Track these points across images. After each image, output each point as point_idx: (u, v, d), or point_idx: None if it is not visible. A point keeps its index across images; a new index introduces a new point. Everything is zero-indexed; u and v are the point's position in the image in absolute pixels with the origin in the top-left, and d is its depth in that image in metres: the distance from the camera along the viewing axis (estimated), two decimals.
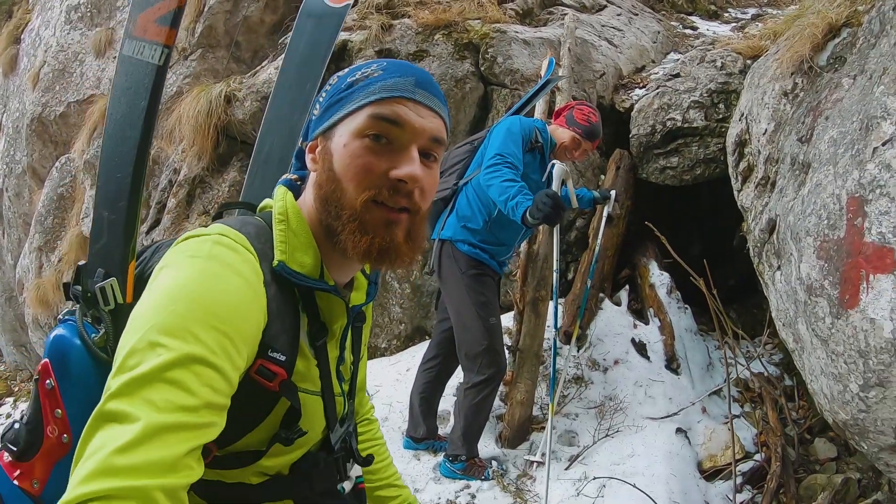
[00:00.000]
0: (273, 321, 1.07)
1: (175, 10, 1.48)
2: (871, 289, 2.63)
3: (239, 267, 1.03)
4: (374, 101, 1.11)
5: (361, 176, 1.11)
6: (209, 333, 0.93)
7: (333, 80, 1.19)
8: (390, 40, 5.53)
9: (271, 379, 1.09)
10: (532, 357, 4.18)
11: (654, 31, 6.67)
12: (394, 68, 1.15)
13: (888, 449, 2.84)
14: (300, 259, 1.13)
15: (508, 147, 3.39)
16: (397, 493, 1.62)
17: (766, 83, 3.90)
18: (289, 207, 1.17)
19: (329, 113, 1.16)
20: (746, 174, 4.09)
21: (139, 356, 0.89)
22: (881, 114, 2.70)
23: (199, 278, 0.98)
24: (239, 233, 1.09)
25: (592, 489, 3.62)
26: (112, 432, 0.84)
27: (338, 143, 1.13)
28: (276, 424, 1.15)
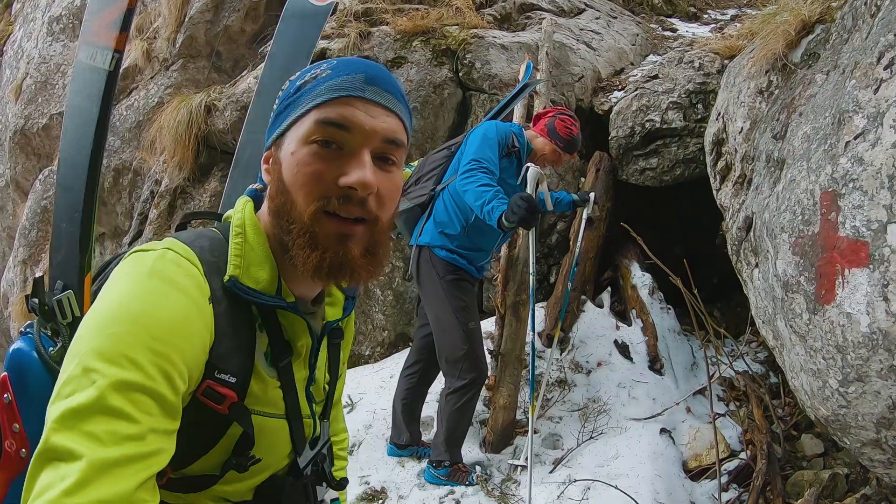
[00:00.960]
0: (221, 339, 1.02)
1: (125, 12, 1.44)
2: (846, 283, 2.62)
3: (181, 282, 0.98)
4: (321, 103, 1.04)
5: (310, 185, 1.04)
6: (147, 356, 0.89)
7: (286, 84, 1.13)
8: (368, 47, 5.53)
9: (220, 402, 1.03)
10: (514, 361, 4.16)
11: (633, 33, 6.69)
12: (342, 66, 1.08)
13: (870, 444, 2.83)
14: (255, 274, 1.07)
15: (484, 152, 3.40)
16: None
17: (742, 82, 3.91)
18: (246, 219, 1.11)
19: (279, 120, 1.10)
20: (724, 173, 4.10)
21: (74, 383, 0.86)
22: (853, 108, 2.70)
23: (138, 296, 0.94)
24: (187, 246, 1.03)
25: (577, 492, 3.60)
26: (58, 472, 0.80)
27: (286, 152, 1.06)
28: (229, 450, 1.10)
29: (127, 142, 7.30)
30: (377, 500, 3.79)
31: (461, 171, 3.36)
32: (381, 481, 3.89)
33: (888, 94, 2.56)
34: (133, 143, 7.28)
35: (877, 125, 2.56)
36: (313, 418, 1.24)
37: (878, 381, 2.58)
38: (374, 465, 4.02)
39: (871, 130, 2.58)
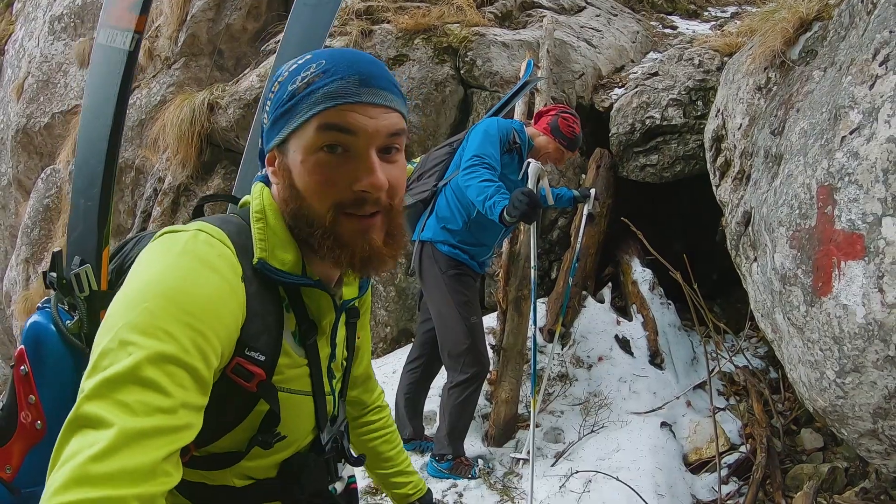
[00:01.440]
0: (253, 319, 1.04)
1: None
2: (842, 275, 2.66)
3: (214, 262, 1.00)
4: (320, 111, 1.05)
5: (324, 192, 1.07)
6: (182, 330, 0.90)
7: (275, 86, 1.12)
8: (370, 45, 5.56)
9: (249, 379, 1.06)
10: (516, 356, 4.20)
11: (634, 31, 6.73)
12: (334, 68, 1.06)
13: (867, 434, 2.87)
14: (281, 256, 1.10)
15: (486, 148, 3.43)
16: (409, 480, 1.64)
17: (741, 78, 3.95)
18: (266, 205, 1.14)
19: (278, 126, 1.10)
20: (724, 169, 4.14)
21: (111, 356, 0.86)
22: (849, 103, 2.74)
23: (172, 273, 0.95)
24: (218, 228, 1.06)
25: (578, 484, 3.63)
26: (87, 438, 0.81)
27: (294, 160, 1.08)
28: (255, 427, 1.12)
29: (129, 140, 7.33)
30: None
31: (463, 167, 3.40)
32: None
33: (883, 90, 2.60)
34: (136, 142, 7.32)
35: (872, 120, 2.60)
36: (333, 395, 1.27)
37: (874, 372, 2.62)
38: None
39: (866, 125, 2.62)
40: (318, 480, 1.27)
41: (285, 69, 1.11)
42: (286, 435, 1.16)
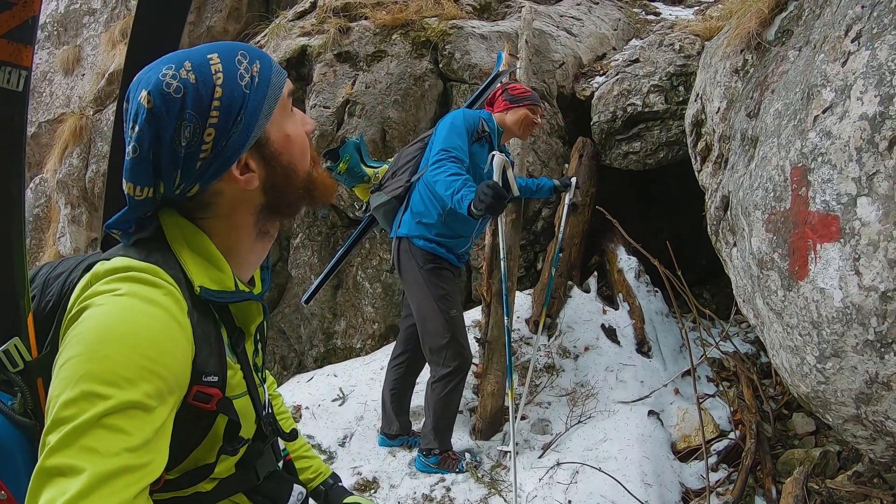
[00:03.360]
0: (200, 347, 1.07)
1: (29, 20, 1.20)
2: (818, 258, 2.63)
3: (162, 301, 1.01)
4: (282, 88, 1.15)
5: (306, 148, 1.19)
6: (143, 376, 0.93)
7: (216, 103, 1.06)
8: (348, 42, 5.52)
9: (208, 401, 1.10)
10: (501, 348, 4.17)
11: (615, 18, 6.68)
12: (253, 50, 1.13)
13: (851, 420, 2.84)
14: (213, 276, 1.13)
15: (452, 141, 3.42)
16: (309, 464, 1.65)
17: (718, 62, 3.91)
18: (183, 227, 1.14)
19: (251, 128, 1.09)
20: (705, 154, 4.10)
21: (74, 407, 0.88)
22: (821, 82, 2.70)
23: (124, 317, 0.96)
24: (149, 263, 1.06)
25: (566, 475, 3.61)
26: (59, 486, 0.83)
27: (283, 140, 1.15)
28: (219, 438, 1.17)
29: None
30: (369, 489, 3.81)
31: (431, 162, 3.39)
32: (373, 471, 3.91)
33: (855, 67, 2.56)
34: None
35: (844, 98, 2.56)
36: (262, 385, 1.31)
37: (854, 357, 2.58)
38: (366, 455, 4.04)
39: (838, 104, 2.58)
40: (268, 464, 1.34)
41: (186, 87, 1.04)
42: (248, 438, 1.23)
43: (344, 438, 4.23)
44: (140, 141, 1.05)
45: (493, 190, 3.03)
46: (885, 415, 2.62)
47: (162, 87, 1.04)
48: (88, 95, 8.00)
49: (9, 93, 1.20)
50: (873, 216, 2.39)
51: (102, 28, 8.32)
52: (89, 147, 7.58)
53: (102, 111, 7.72)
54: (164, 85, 1.04)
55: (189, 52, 1.10)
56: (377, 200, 3.77)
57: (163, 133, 1.04)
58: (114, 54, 7.77)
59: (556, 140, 5.40)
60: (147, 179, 1.08)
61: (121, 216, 1.12)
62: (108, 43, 7.95)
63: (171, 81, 1.04)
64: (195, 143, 1.05)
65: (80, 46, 8.51)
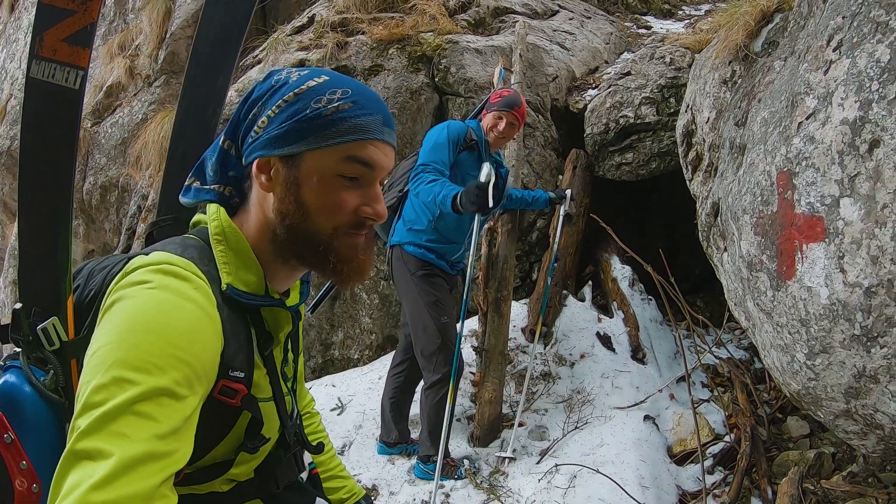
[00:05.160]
0: (229, 342, 1.10)
1: (88, 26, 1.33)
2: (805, 258, 2.71)
3: (192, 295, 1.04)
4: (349, 142, 1.13)
5: (335, 211, 1.15)
6: (171, 363, 0.95)
7: (289, 96, 1.14)
8: (346, 57, 5.62)
9: (233, 396, 1.12)
10: (498, 356, 4.23)
11: (607, 32, 6.80)
12: (363, 101, 1.15)
13: (842, 415, 2.90)
14: (244, 277, 1.16)
15: (432, 156, 3.54)
16: (342, 484, 1.66)
17: (707, 73, 4.01)
18: (225, 226, 1.18)
19: (292, 139, 1.13)
20: (696, 163, 4.19)
21: (105, 392, 0.90)
22: (804, 89, 2.80)
23: (155, 308, 0.99)
24: (185, 259, 1.09)
25: (564, 480, 3.65)
26: (86, 470, 0.85)
27: (307, 176, 1.13)
28: (241, 436, 1.18)
29: (113, 159, 7.36)
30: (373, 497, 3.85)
31: (411, 178, 3.49)
32: (373, 479, 3.94)
33: (837, 75, 2.66)
34: (119, 160, 7.35)
35: (826, 104, 2.66)
36: (290, 394, 1.34)
37: (842, 352, 2.66)
38: (365, 463, 4.08)
39: (821, 110, 2.68)
40: (289, 473, 1.34)
41: (294, 79, 1.16)
42: (269, 437, 1.24)
43: (343, 447, 4.26)
44: (241, 101, 1.19)
45: (480, 190, 3.16)
46: (874, 408, 2.69)
47: (279, 71, 1.19)
48: (86, 108, 8.06)
49: (68, 90, 1.32)
50: (856, 216, 2.48)
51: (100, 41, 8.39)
52: (87, 159, 7.64)
53: (100, 124, 7.79)
54: (282, 70, 1.19)
55: (333, 72, 1.20)
56: None
57: (250, 100, 1.17)
58: (112, 67, 7.86)
59: (549, 152, 5.49)
60: (230, 131, 1.20)
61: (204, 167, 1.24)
62: (106, 56, 8.03)
63: (285, 72, 1.18)
64: (255, 117, 1.17)
65: None
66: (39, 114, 1.35)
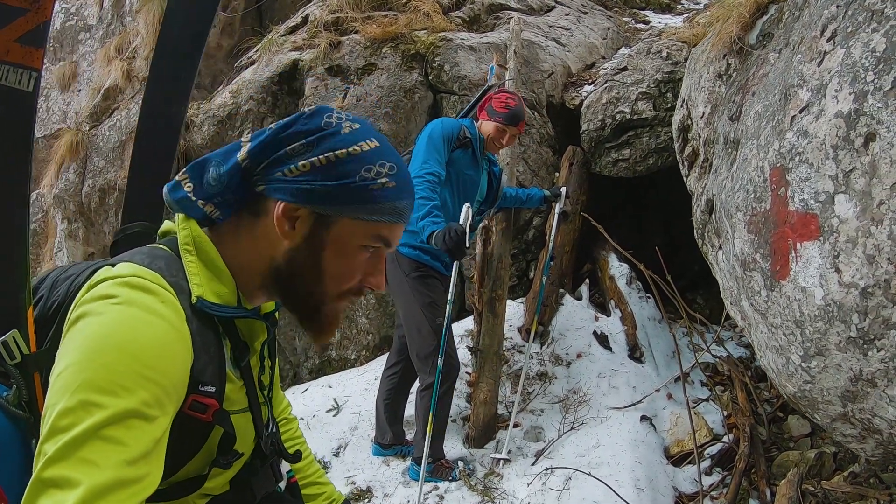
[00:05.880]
0: (199, 356, 1.07)
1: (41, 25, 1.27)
2: (799, 257, 2.64)
3: (160, 309, 1.01)
4: (383, 222, 1.14)
5: (346, 279, 1.17)
6: (140, 383, 0.92)
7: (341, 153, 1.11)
8: (339, 56, 5.57)
9: (204, 412, 1.09)
10: (493, 356, 4.18)
11: (604, 27, 6.73)
12: (403, 183, 1.16)
13: (839, 419, 2.84)
14: (216, 289, 1.13)
15: (429, 157, 3.52)
16: (321, 490, 1.64)
17: (702, 67, 3.94)
18: (195, 236, 1.15)
19: (332, 201, 1.11)
20: (692, 159, 4.12)
21: (71, 417, 0.88)
22: (798, 82, 2.73)
23: (122, 325, 0.97)
24: (152, 271, 1.06)
25: (559, 482, 3.61)
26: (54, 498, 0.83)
27: (334, 240, 1.13)
28: (213, 451, 1.16)
29: (111, 161, 7.33)
30: (363, 499, 3.81)
31: None
32: (367, 481, 3.91)
33: (831, 66, 2.59)
34: (117, 163, 7.31)
35: (820, 97, 2.58)
36: (267, 403, 1.31)
37: (838, 354, 2.59)
38: (360, 465, 4.05)
39: (814, 103, 2.61)
40: (266, 484, 1.33)
41: (346, 131, 1.13)
42: (242, 452, 1.22)
43: (338, 448, 4.23)
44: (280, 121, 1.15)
45: (458, 235, 3.17)
46: (871, 412, 2.63)
47: (329, 111, 1.15)
48: (84, 111, 8.06)
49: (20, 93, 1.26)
50: (851, 213, 2.41)
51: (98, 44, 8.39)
52: (85, 162, 7.63)
53: (98, 126, 7.77)
54: (332, 112, 1.15)
55: (383, 139, 1.18)
56: None
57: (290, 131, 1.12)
58: (109, 70, 7.84)
59: (545, 149, 5.43)
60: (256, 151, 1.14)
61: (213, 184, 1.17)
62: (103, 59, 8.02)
63: (336, 116, 1.15)
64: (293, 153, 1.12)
65: (76, 62, 8.60)
66: None
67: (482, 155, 3.79)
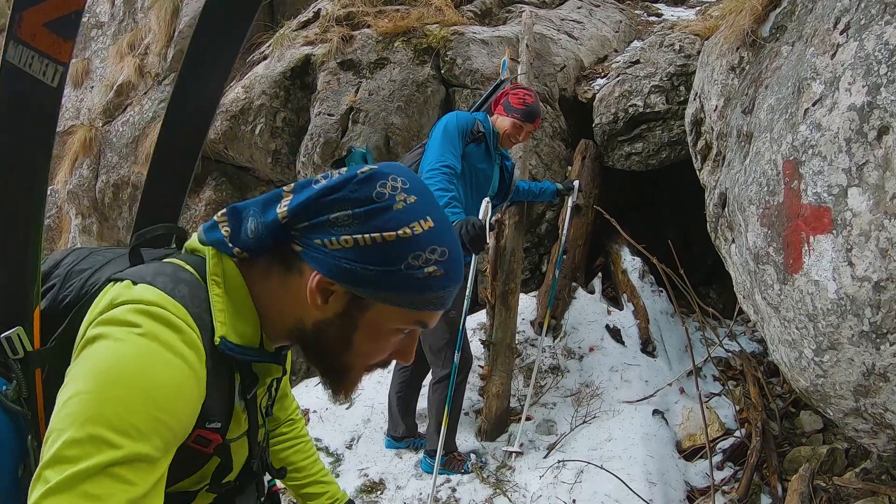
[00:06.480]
0: (210, 393, 1.04)
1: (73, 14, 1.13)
2: (812, 251, 2.63)
3: (181, 349, 0.98)
4: (426, 310, 1.08)
5: (374, 356, 1.13)
6: (153, 427, 0.91)
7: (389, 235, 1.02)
8: (351, 51, 5.58)
9: (207, 445, 1.08)
10: (505, 350, 4.19)
11: (616, 20, 6.71)
12: (453, 270, 1.07)
13: (851, 413, 2.83)
14: (240, 328, 1.08)
15: (444, 153, 3.49)
16: (324, 490, 1.62)
17: (715, 60, 3.92)
18: (226, 269, 1.10)
19: (372, 287, 1.04)
20: (705, 152, 4.11)
21: (79, 448, 0.86)
22: (811, 75, 2.71)
23: (142, 360, 0.94)
24: (175, 301, 1.02)
25: (570, 475, 3.62)
26: None
27: (369, 322, 1.07)
28: (207, 477, 1.15)
29: (124, 157, 7.40)
30: (376, 491, 3.84)
31: (423, 176, 3.45)
32: (380, 473, 3.94)
33: (844, 59, 2.57)
34: (130, 158, 7.37)
35: (833, 90, 2.57)
36: (264, 425, 1.30)
37: (850, 348, 2.58)
38: (373, 457, 4.08)
39: (828, 96, 2.59)
40: (249, 499, 1.30)
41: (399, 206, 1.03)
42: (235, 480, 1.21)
43: (351, 441, 4.26)
44: (329, 180, 1.05)
45: (475, 230, 3.15)
46: (883, 407, 2.62)
47: (384, 178, 1.04)
48: (98, 107, 8.11)
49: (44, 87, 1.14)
50: (864, 206, 2.40)
51: (110, 41, 8.43)
52: (99, 158, 7.69)
53: (111, 122, 7.83)
54: (388, 180, 1.04)
55: (434, 202, 1.08)
56: None
57: (337, 196, 1.03)
58: (122, 66, 7.88)
59: (558, 143, 5.42)
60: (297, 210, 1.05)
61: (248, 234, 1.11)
62: (116, 56, 8.06)
63: (390, 185, 1.03)
64: (336, 222, 1.03)
65: (89, 59, 8.64)
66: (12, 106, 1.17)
67: (495, 149, 3.79)
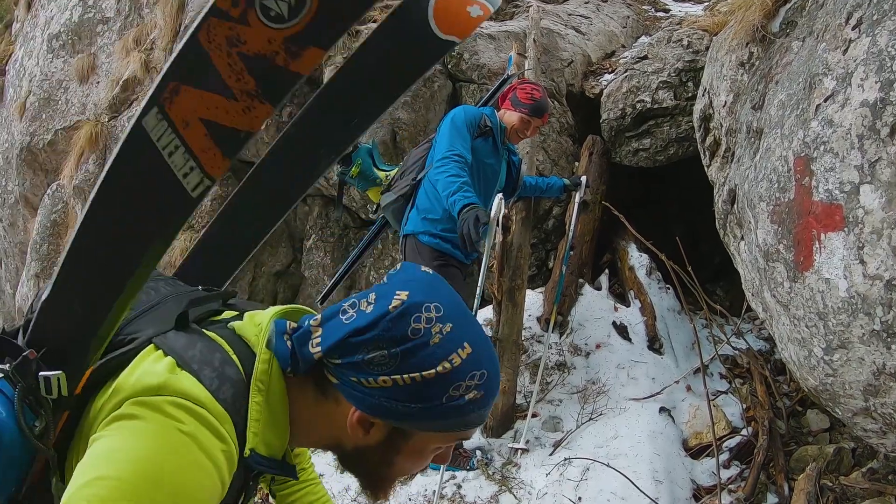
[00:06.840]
0: (225, 497, 1.02)
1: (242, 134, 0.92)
2: (823, 248, 2.61)
3: (220, 461, 0.97)
4: (466, 430, 1.08)
5: (416, 469, 1.15)
6: None
7: (429, 374, 0.99)
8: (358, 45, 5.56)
9: None
10: (511, 346, 4.17)
11: (624, 16, 6.68)
12: (492, 387, 1.06)
13: (861, 413, 2.81)
14: (269, 440, 1.06)
15: (454, 143, 3.48)
16: None
17: (724, 56, 3.89)
18: (273, 379, 1.07)
19: (415, 421, 1.04)
20: (714, 149, 4.08)
21: None
22: (822, 70, 2.68)
23: (179, 464, 0.93)
24: (219, 405, 0.99)
25: (577, 472, 3.61)
26: None
27: (411, 448, 1.08)
28: None
29: None
30: None
31: (435, 165, 3.43)
32: None
33: (856, 54, 2.54)
34: None
35: (846, 86, 2.54)
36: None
37: (861, 347, 2.56)
38: None
39: (840, 91, 2.56)
40: None
41: (436, 341, 1.00)
42: None
43: None
44: (360, 317, 1.02)
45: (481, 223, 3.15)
46: (893, 407, 2.60)
47: (418, 311, 1.01)
48: (103, 103, 8.10)
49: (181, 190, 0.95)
50: (876, 204, 2.37)
51: (116, 36, 8.41)
52: (105, 153, 7.69)
53: (117, 118, 7.83)
54: (422, 312, 1.01)
55: (469, 320, 1.06)
56: (386, 200, 3.81)
57: (372, 335, 1.00)
58: (128, 62, 7.87)
59: (565, 138, 5.40)
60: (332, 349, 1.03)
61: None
62: (121, 51, 8.05)
63: (425, 318, 1.00)
64: (372, 362, 1.00)
65: (95, 55, 8.62)
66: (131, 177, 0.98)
67: (503, 144, 3.78)
